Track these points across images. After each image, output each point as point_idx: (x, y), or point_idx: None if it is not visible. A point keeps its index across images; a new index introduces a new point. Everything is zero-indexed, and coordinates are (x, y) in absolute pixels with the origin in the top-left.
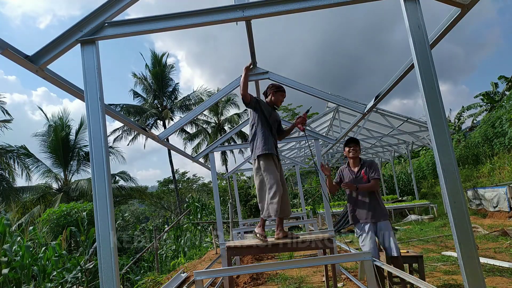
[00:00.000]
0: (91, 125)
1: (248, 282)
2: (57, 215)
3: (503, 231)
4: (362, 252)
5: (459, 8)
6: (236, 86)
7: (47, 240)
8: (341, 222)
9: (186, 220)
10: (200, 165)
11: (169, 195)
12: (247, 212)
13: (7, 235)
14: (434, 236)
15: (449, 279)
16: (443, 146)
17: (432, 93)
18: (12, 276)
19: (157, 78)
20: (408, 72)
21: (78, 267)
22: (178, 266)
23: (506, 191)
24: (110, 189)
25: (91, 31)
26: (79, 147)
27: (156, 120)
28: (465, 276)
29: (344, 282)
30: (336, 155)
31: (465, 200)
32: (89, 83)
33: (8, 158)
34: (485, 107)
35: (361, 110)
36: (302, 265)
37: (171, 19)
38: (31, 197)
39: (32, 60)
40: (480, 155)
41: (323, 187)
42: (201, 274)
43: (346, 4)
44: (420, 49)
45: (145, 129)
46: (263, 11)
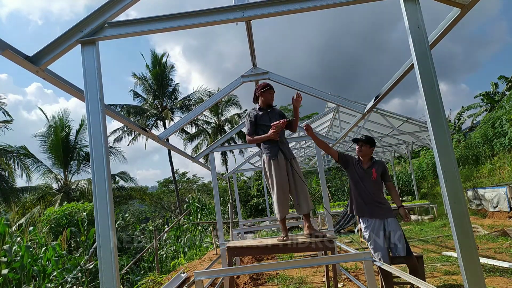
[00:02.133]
0: (91, 125)
1: (248, 283)
2: (58, 215)
3: (503, 231)
4: (362, 252)
5: (459, 8)
6: (236, 86)
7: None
8: (341, 222)
9: (186, 221)
10: (200, 166)
11: (169, 195)
12: (247, 212)
13: (7, 235)
14: (434, 236)
15: (449, 279)
16: (443, 146)
17: (432, 93)
18: (12, 277)
19: (157, 78)
20: (408, 72)
21: (78, 268)
22: (178, 267)
23: (506, 191)
24: (110, 189)
25: (91, 31)
26: (79, 147)
27: (156, 121)
28: (465, 276)
29: (344, 282)
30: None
31: (465, 200)
32: (89, 84)
33: (8, 158)
34: (485, 107)
35: (361, 110)
36: (302, 265)
37: (171, 20)
38: (31, 197)
39: (32, 60)
40: (480, 155)
41: (323, 188)
42: (201, 274)
43: (346, 4)
44: (420, 49)
45: (145, 129)
46: (263, 11)
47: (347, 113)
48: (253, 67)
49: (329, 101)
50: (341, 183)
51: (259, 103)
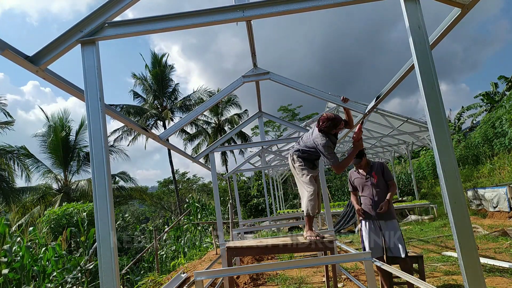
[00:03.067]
0: (91, 125)
1: (248, 283)
2: (58, 215)
3: (503, 231)
4: (362, 252)
5: (459, 8)
6: (237, 86)
7: (47, 240)
8: (341, 222)
9: (186, 221)
10: (200, 166)
11: (169, 196)
12: (247, 212)
13: (7, 235)
14: (434, 236)
15: (449, 279)
16: (443, 146)
17: (432, 93)
18: (12, 277)
19: (157, 78)
20: (409, 72)
21: (78, 268)
22: (178, 267)
23: (506, 191)
24: (110, 189)
25: (91, 31)
26: (79, 147)
27: (156, 121)
28: (465, 276)
29: (344, 283)
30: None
31: (465, 200)
32: (89, 83)
33: (8, 158)
34: (485, 107)
35: (362, 110)
36: (302, 265)
37: (171, 20)
38: (31, 197)
39: (32, 60)
40: (480, 155)
41: (323, 188)
42: (201, 274)
43: (347, 4)
44: (420, 50)
45: (146, 129)
46: (263, 11)
47: None
48: (254, 67)
49: (329, 101)
50: (341, 183)
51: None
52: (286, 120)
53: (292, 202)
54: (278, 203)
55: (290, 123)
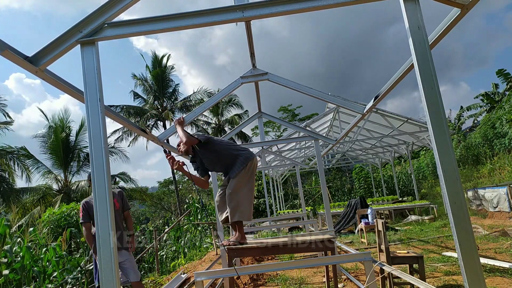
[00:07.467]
0: (91, 126)
1: (249, 283)
2: (57, 216)
3: (503, 231)
4: (362, 252)
5: (459, 8)
6: (236, 87)
7: (48, 241)
8: (341, 222)
9: (187, 221)
10: None
11: (170, 196)
12: None
13: (7, 236)
14: (434, 236)
15: (449, 280)
16: (443, 146)
17: (432, 93)
18: (13, 277)
19: (157, 79)
20: (408, 72)
21: (78, 268)
22: (178, 267)
23: (506, 192)
24: (110, 189)
25: (91, 32)
26: (79, 148)
27: (156, 121)
28: (465, 277)
29: (345, 283)
30: (336, 156)
31: (465, 201)
32: (89, 84)
33: (8, 159)
34: (485, 108)
35: (361, 110)
36: (302, 265)
37: (170, 20)
38: (31, 198)
39: (32, 61)
40: (480, 156)
41: (323, 188)
42: (201, 275)
43: (347, 4)
44: (420, 50)
45: (145, 130)
46: (263, 11)
47: (347, 113)
48: (253, 68)
49: (329, 101)
50: (341, 184)
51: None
52: (286, 120)
53: (292, 202)
54: (278, 203)
55: (290, 124)
